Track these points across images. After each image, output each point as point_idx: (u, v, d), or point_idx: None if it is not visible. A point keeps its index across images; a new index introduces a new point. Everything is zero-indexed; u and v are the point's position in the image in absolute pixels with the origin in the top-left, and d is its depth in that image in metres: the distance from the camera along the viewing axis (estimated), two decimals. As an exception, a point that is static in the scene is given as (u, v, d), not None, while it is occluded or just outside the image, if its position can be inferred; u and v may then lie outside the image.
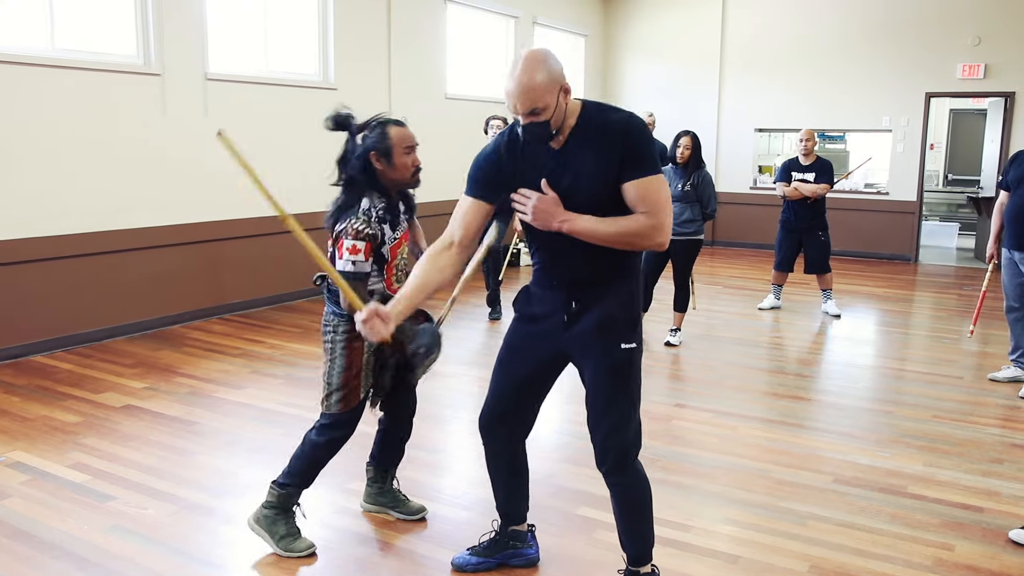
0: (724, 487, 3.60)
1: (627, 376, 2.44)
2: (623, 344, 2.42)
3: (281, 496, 2.95)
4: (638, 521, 2.56)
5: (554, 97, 2.26)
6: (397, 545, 3.07)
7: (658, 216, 2.29)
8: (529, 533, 2.92)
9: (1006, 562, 2.98)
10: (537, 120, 2.27)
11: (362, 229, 2.75)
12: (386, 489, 3.25)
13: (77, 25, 5.73)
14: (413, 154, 2.86)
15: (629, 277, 2.45)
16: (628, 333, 2.43)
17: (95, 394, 4.73)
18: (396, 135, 2.82)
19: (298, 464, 2.96)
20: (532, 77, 2.23)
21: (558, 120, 2.30)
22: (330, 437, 2.93)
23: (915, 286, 8.89)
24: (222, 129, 2.78)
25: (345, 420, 2.93)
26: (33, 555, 2.95)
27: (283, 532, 2.94)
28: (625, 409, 2.46)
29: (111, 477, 3.61)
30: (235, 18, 6.84)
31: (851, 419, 4.53)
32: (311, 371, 5.24)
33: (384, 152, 2.81)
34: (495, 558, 2.88)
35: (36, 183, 5.45)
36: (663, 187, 2.32)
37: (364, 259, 2.76)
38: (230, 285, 6.82)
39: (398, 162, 2.82)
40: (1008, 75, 9.74)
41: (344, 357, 2.87)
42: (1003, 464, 3.90)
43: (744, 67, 11.22)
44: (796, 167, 7.04)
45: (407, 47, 8.41)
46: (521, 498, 2.86)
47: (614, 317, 2.41)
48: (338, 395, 2.89)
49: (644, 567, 2.60)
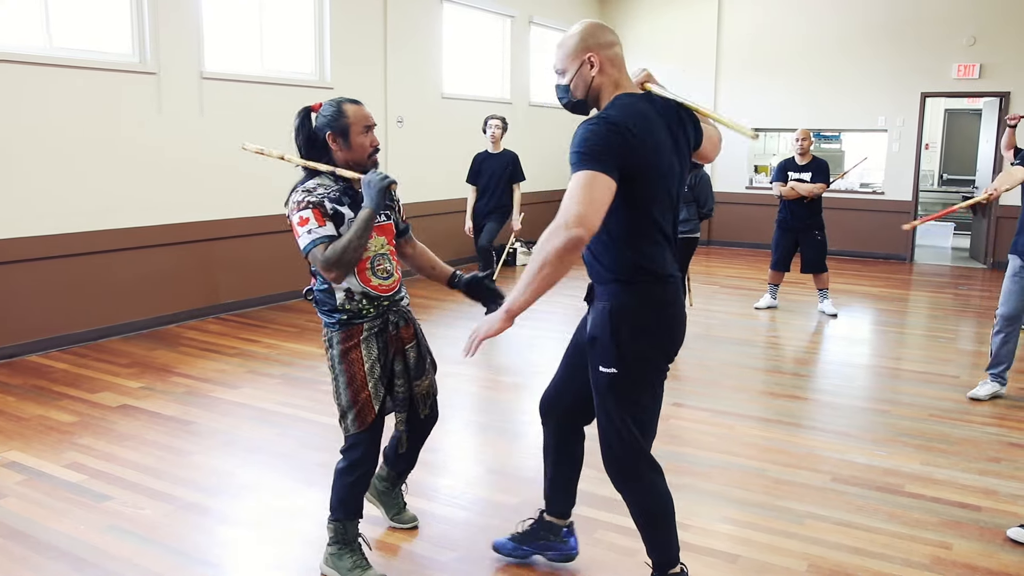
0: (722, 486, 3.60)
1: (609, 399, 2.35)
2: (601, 367, 2.34)
3: (338, 530, 2.82)
4: (652, 530, 2.50)
5: (575, 64, 2.30)
6: (395, 545, 3.06)
7: (561, 215, 2.10)
8: (565, 529, 2.85)
9: (1004, 560, 2.98)
10: (561, 83, 2.35)
11: (301, 199, 2.59)
12: (393, 491, 3.20)
13: (72, 24, 5.71)
14: (371, 134, 2.70)
15: (619, 294, 2.31)
16: (607, 357, 2.31)
17: (91, 394, 4.71)
18: (353, 113, 2.66)
19: (336, 496, 2.80)
20: (564, 39, 2.33)
21: (581, 90, 2.33)
22: (350, 461, 2.74)
23: (911, 285, 8.91)
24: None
25: (364, 439, 2.72)
26: (29, 555, 2.93)
27: (350, 565, 2.79)
28: (611, 429, 2.38)
29: (107, 477, 3.60)
30: (231, 17, 6.83)
31: (848, 418, 4.54)
32: (307, 371, 5.24)
33: (341, 131, 2.65)
34: (529, 547, 2.86)
35: (31, 182, 5.43)
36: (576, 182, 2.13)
37: (319, 224, 2.55)
38: (226, 284, 6.81)
39: (355, 142, 2.66)
40: (1003, 75, 9.77)
41: (344, 373, 2.69)
42: (1000, 463, 3.90)
43: (740, 67, 11.24)
44: (792, 167, 7.05)
45: (403, 46, 8.40)
46: (560, 489, 2.81)
47: (593, 336, 2.36)
48: (352, 414, 2.70)
49: (673, 569, 2.52)
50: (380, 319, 2.71)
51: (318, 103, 2.72)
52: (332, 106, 2.69)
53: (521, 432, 4.34)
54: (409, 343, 2.78)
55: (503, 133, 6.88)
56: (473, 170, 6.87)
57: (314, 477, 3.61)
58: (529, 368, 5.57)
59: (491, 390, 5.00)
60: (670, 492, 2.49)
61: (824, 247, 7.13)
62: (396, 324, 2.74)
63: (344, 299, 2.66)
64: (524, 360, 5.82)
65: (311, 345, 5.83)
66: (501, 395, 4.92)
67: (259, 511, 3.34)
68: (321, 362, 5.40)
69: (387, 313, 2.73)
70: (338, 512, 2.79)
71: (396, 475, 3.15)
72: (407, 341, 2.78)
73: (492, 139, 6.85)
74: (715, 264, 9.87)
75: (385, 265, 2.72)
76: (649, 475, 2.45)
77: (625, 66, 2.35)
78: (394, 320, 2.74)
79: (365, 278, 2.67)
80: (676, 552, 2.53)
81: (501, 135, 6.87)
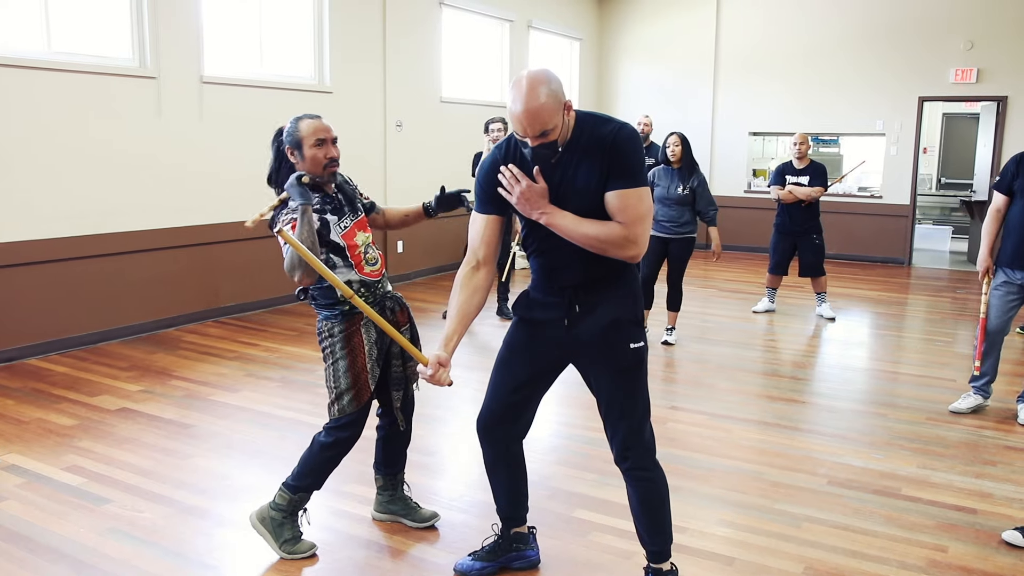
0: (719, 489, 3.61)
1: (638, 374, 2.48)
2: (631, 344, 2.44)
3: (292, 500, 2.94)
4: (659, 516, 2.57)
5: (560, 116, 2.29)
6: (395, 548, 3.07)
7: (634, 228, 2.30)
8: (530, 535, 2.92)
9: (999, 563, 2.99)
10: (546, 141, 2.29)
11: (288, 220, 2.75)
12: (397, 496, 3.22)
13: (72, 27, 5.73)
14: (326, 146, 2.81)
15: (630, 278, 2.47)
16: (635, 332, 2.46)
17: (90, 397, 4.72)
18: (306, 127, 2.81)
19: (305, 467, 2.95)
20: (539, 100, 2.22)
21: (564, 137, 2.34)
22: (337, 438, 2.91)
23: (908, 289, 8.92)
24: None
25: (354, 420, 2.90)
26: (29, 558, 2.94)
27: (287, 536, 2.93)
28: (642, 408, 2.49)
29: (107, 480, 3.61)
30: (230, 21, 6.85)
31: (845, 421, 4.55)
32: (306, 374, 5.25)
33: (295, 144, 2.81)
34: (498, 561, 2.87)
35: (31, 186, 5.45)
36: (643, 200, 2.32)
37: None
38: (225, 288, 6.82)
39: (308, 154, 2.80)
40: (1000, 79, 9.80)
41: (347, 356, 2.85)
42: (996, 466, 3.92)
43: (738, 71, 11.26)
44: (790, 171, 7.07)
45: (402, 51, 8.42)
46: (521, 500, 2.86)
47: (619, 319, 2.43)
48: (349, 395, 2.87)
49: (665, 564, 2.60)
50: (376, 305, 2.89)
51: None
52: (291, 122, 2.86)
53: (519, 435, 4.35)
54: (404, 325, 2.99)
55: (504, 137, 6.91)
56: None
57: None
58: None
59: (489, 393, 5.01)
60: None
61: (822, 251, 7.15)
62: (392, 309, 2.95)
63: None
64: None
65: (310, 348, 5.84)
66: (499, 398, 4.93)
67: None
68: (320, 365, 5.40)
69: (383, 300, 2.93)
70: (303, 481, 2.94)
71: (392, 476, 3.20)
72: (402, 324, 2.98)
73: (494, 142, 6.88)
74: (713, 267, 9.89)
75: (372, 253, 2.94)
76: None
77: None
78: (390, 305, 2.95)
79: (360, 268, 2.88)
80: (670, 542, 2.62)
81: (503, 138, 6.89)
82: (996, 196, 4.59)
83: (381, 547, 3.07)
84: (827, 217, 7.51)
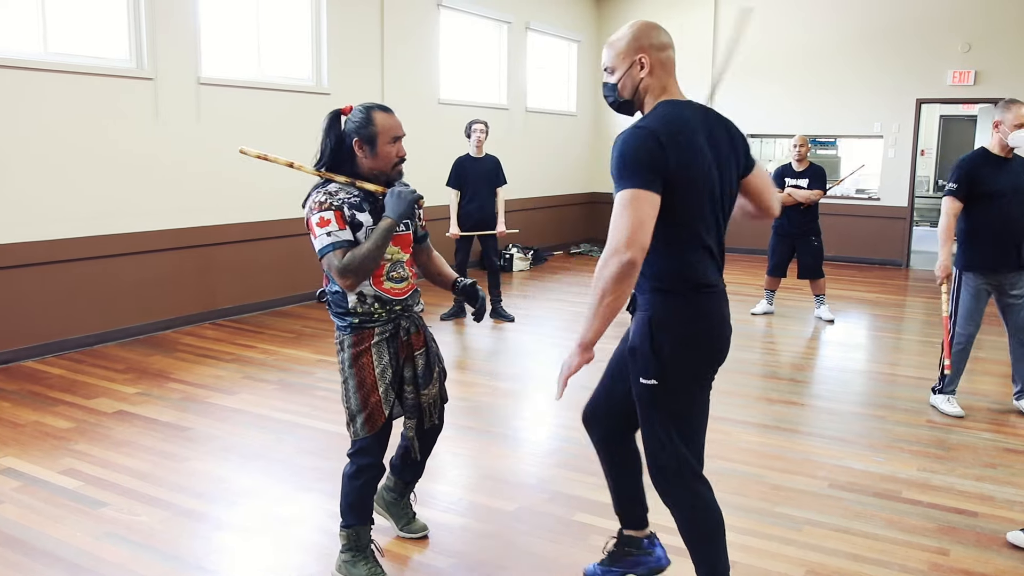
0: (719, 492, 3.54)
1: (651, 411, 2.32)
2: (642, 379, 2.29)
3: (351, 537, 2.80)
4: (699, 545, 2.44)
5: (625, 64, 2.28)
6: (393, 551, 3.05)
7: (610, 241, 2.12)
8: (646, 540, 2.76)
9: (1000, 566, 2.98)
10: (607, 80, 2.34)
11: (324, 200, 2.58)
12: (402, 502, 3.17)
13: (69, 29, 5.71)
14: (399, 144, 2.66)
15: (659, 303, 2.28)
16: (647, 368, 2.27)
17: (87, 399, 4.70)
18: (383, 123, 2.63)
19: (345, 501, 2.79)
20: (615, 37, 2.31)
21: (628, 90, 2.31)
22: (359, 466, 2.72)
23: (907, 291, 8.92)
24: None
25: (370, 445, 2.70)
26: (24, 562, 2.92)
27: (365, 572, 2.78)
28: (654, 440, 2.35)
29: (103, 483, 3.58)
30: (228, 22, 6.83)
31: (845, 424, 4.54)
32: (304, 376, 5.23)
33: (368, 139, 2.62)
34: (617, 567, 2.76)
35: (27, 187, 5.43)
36: (619, 203, 2.14)
37: (339, 228, 2.56)
38: (222, 290, 6.80)
39: (382, 151, 2.63)
40: (998, 82, 9.80)
41: (355, 376, 2.68)
42: (996, 468, 3.91)
43: (736, 73, 11.24)
44: (790, 173, 7.07)
45: (400, 52, 8.41)
46: (627, 500, 2.73)
47: (633, 347, 2.32)
48: (361, 417, 2.68)
49: None
50: (391, 324, 2.70)
51: (348, 106, 2.71)
52: (362, 112, 2.65)
53: (518, 438, 4.33)
54: (418, 350, 2.77)
55: (486, 138, 6.93)
56: (457, 174, 6.85)
57: (310, 483, 3.60)
58: (526, 374, 5.57)
59: (488, 396, 5.00)
60: (718, 506, 2.42)
61: (821, 253, 7.14)
62: (407, 330, 2.74)
63: (356, 302, 2.65)
64: (521, 366, 5.82)
65: (308, 351, 5.82)
66: (498, 401, 4.92)
67: (255, 517, 3.33)
68: (317, 368, 5.40)
69: (399, 319, 2.72)
70: (349, 518, 2.78)
71: (404, 484, 3.13)
72: (416, 348, 2.77)
73: (477, 144, 6.86)
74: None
75: (399, 271, 2.71)
76: (694, 486, 2.38)
77: (675, 70, 2.33)
78: (405, 326, 2.73)
79: (378, 282, 2.67)
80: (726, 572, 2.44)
81: (485, 139, 6.91)
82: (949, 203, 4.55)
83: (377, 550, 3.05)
84: (825, 219, 7.50)
